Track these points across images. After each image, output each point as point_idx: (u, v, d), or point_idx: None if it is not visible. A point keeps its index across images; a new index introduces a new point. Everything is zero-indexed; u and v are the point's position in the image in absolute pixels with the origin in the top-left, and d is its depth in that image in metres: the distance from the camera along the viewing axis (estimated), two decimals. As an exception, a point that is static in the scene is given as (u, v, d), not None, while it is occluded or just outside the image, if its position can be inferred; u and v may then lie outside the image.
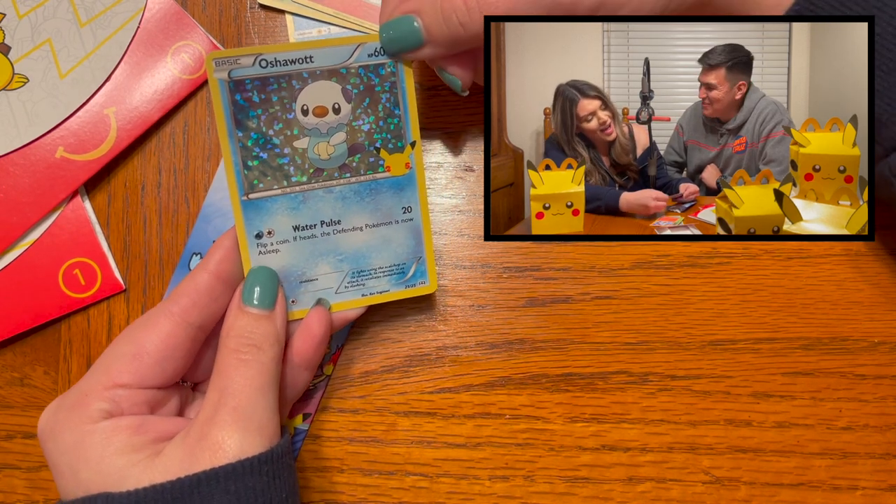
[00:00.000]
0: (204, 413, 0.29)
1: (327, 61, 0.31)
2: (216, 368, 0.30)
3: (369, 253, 0.34)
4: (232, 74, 0.30)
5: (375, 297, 0.34)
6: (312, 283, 0.33)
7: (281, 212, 0.32)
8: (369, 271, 0.34)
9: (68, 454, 0.28)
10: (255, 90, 0.31)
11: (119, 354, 0.30)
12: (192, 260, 0.38)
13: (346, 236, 0.33)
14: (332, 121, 0.32)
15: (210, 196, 0.39)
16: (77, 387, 0.30)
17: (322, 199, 0.33)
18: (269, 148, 0.32)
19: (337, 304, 0.34)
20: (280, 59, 0.31)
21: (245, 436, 0.28)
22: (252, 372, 0.29)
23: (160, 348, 0.30)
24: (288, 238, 0.32)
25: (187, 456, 0.28)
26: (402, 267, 0.34)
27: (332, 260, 0.33)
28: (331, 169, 0.32)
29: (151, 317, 0.30)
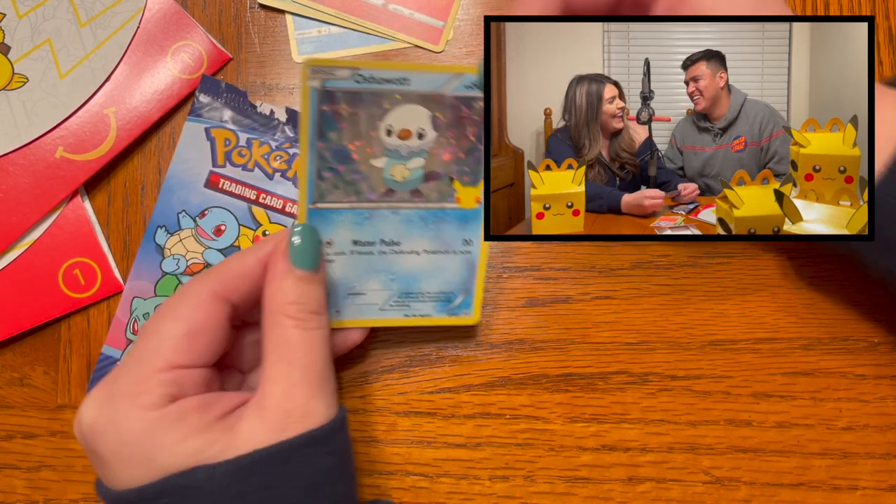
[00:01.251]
0: (277, 385, 0.29)
1: (423, 86, 0.31)
2: (278, 339, 0.29)
3: (421, 277, 0.34)
4: (325, 85, 0.30)
5: (417, 319, 0.35)
6: (360, 296, 0.34)
7: (344, 225, 0.32)
8: (417, 294, 0.34)
9: (138, 443, 0.27)
10: (345, 103, 0.31)
11: (169, 335, 0.29)
12: (156, 233, 0.38)
13: (402, 258, 0.33)
14: (414, 145, 0.32)
15: (172, 167, 0.38)
16: (125, 374, 0.29)
17: (386, 219, 0.33)
18: (346, 163, 0.32)
19: (379, 319, 0.34)
20: (376, 77, 0.31)
21: (328, 401, 0.29)
22: (319, 340, 0.30)
23: (212, 326, 0.29)
24: (345, 251, 0.33)
25: (273, 428, 0.28)
26: (449, 295, 0.35)
27: (384, 278, 0.34)
28: (402, 192, 0.32)
29: (194, 294, 0.30)
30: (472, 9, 0.41)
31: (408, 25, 0.40)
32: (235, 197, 0.38)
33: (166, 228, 0.38)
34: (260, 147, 0.38)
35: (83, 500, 0.37)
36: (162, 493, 0.27)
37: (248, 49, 0.40)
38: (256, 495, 0.27)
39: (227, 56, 0.40)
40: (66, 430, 0.38)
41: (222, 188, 0.38)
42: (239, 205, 0.38)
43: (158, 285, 0.38)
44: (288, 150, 0.38)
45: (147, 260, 0.38)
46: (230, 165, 0.38)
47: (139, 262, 0.38)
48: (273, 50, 0.40)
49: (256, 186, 0.38)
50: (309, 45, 0.40)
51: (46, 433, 0.38)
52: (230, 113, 0.39)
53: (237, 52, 0.40)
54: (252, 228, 0.38)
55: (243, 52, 0.40)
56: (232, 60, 0.40)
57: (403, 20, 0.40)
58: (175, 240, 0.38)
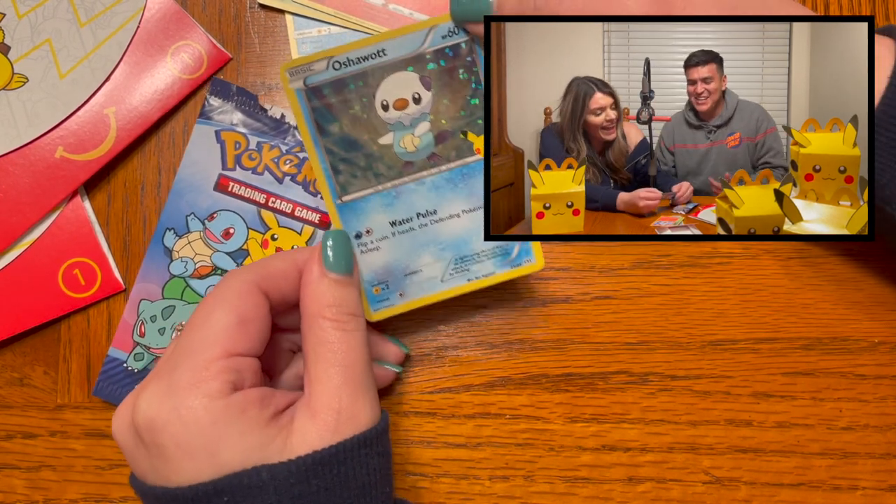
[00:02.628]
0: (322, 386, 0.29)
1: (401, 51, 0.31)
2: (319, 341, 0.30)
3: (470, 238, 0.33)
4: (307, 82, 0.30)
5: (482, 281, 0.34)
6: (417, 274, 0.33)
7: (376, 210, 0.32)
8: (472, 256, 0.33)
9: (203, 434, 0.27)
10: (333, 94, 0.31)
11: (221, 324, 0.29)
12: (165, 235, 0.38)
13: (445, 225, 0.33)
14: (413, 112, 0.32)
15: (180, 172, 0.38)
16: (182, 365, 0.28)
17: (415, 192, 0.32)
18: (355, 149, 0.31)
19: (445, 291, 0.34)
20: (353, 58, 0.30)
21: (372, 402, 0.30)
22: (359, 342, 0.30)
23: (259, 315, 0.30)
24: (387, 234, 0.33)
25: (326, 430, 0.28)
26: (504, 248, 0.34)
27: (434, 250, 0.33)
28: (420, 161, 0.32)
29: (240, 284, 0.30)
30: (472, 9, 0.41)
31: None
32: (245, 200, 0.38)
33: (175, 231, 0.38)
34: (270, 150, 0.38)
35: (83, 500, 0.37)
36: (223, 490, 0.27)
37: (247, 49, 0.40)
38: (315, 496, 0.28)
39: (227, 56, 0.40)
40: (65, 430, 0.38)
41: (231, 191, 0.38)
42: (248, 208, 0.38)
43: (166, 288, 0.38)
44: (298, 154, 0.38)
45: (155, 262, 0.38)
46: (240, 169, 0.38)
47: (147, 265, 0.38)
48: (273, 50, 0.40)
49: (266, 190, 0.38)
50: (309, 45, 0.40)
51: (46, 433, 0.38)
52: (240, 116, 0.39)
53: (237, 51, 0.40)
54: (261, 232, 0.38)
55: (243, 51, 0.40)
56: (232, 60, 0.40)
57: (403, 20, 0.40)
58: (183, 242, 0.38)
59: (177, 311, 0.38)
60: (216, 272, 0.38)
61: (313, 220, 0.38)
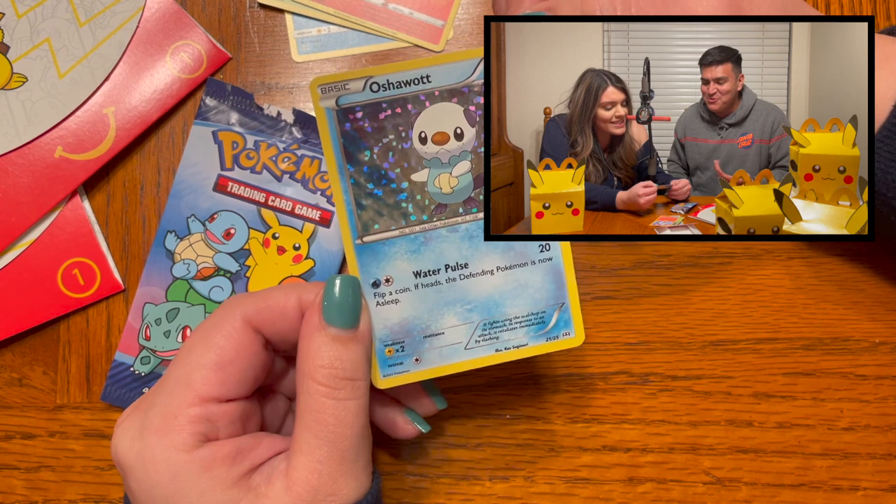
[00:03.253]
0: (304, 458, 0.26)
1: (447, 80, 0.28)
2: (307, 405, 0.27)
3: (503, 300, 0.29)
4: (340, 102, 0.27)
5: (512, 353, 0.30)
6: (438, 337, 0.29)
7: (400, 256, 0.29)
8: (503, 322, 0.30)
9: (163, 486, 0.26)
10: (367, 118, 0.27)
11: (199, 364, 0.27)
12: (166, 238, 0.38)
13: (475, 282, 0.29)
14: (454, 148, 0.28)
15: (179, 173, 0.38)
16: (158, 403, 0.27)
17: (446, 240, 0.29)
18: (384, 184, 0.28)
19: (468, 361, 0.30)
20: (393, 82, 0.27)
21: (360, 477, 0.27)
22: (352, 414, 0.27)
23: (244, 356, 0.27)
24: (409, 286, 0.29)
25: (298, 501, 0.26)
26: (541, 316, 0.30)
27: (460, 310, 0.29)
28: (454, 204, 0.29)
29: (227, 321, 0.27)
30: (472, 8, 0.41)
31: (408, 25, 0.40)
32: (244, 200, 0.38)
33: (176, 233, 0.38)
34: (268, 149, 0.38)
35: (82, 500, 0.37)
36: None
37: (247, 48, 0.40)
38: None
39: (227, 56, 0.40)
40: (65, 430, 0.38)
41: (231, 191, 0.38)
42: (248, 208, 0.38)
43: (169, 290, 0.38)
44: (296, 152, 0.38)
45: (157, 265, 0.38)
46: (238, 168, 0.38)
47: (149, 268, 0.38)
48: (273, 49, 0.40)
49: (265, 189, 0.38)
50: (308, 45, 0.40)
51: (45, 433, 0.38)
52: (237, 115, 0.39)
53: (237, 51, 0.40)
54: (262, 231, 0.38)
55: (243, 51, 0.40)
56: (231, 60, 0.40)
57: (403, 19, 0.40)
58: (185, 244, 0.38)
59: (181, 313, 0.38)
60: (218, 273, 0.38)
61: (314, 218, 0.38)
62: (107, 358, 0.38)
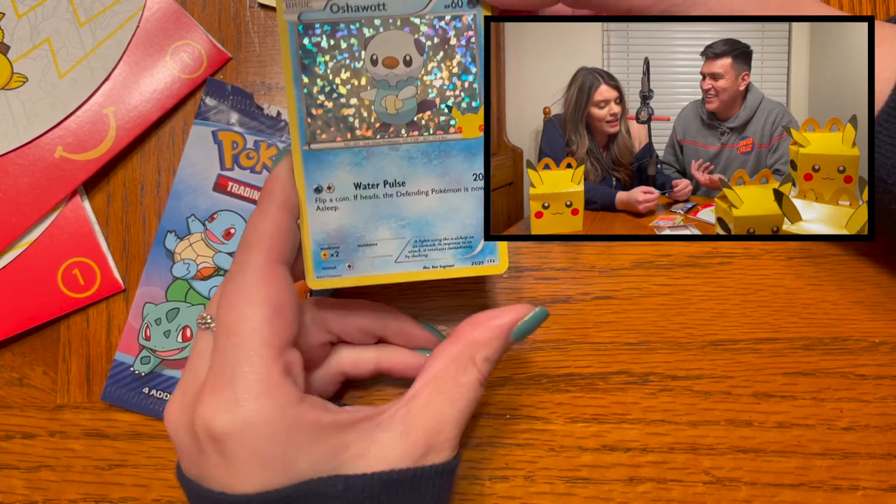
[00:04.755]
0: (430, 413, 0.29)
1: (401, 9, 0.30)
2: (451, 377, 0.30)
3: (434, 221, 0.31)
4: (302, 17, 0.29)
5: (438, 272, 0.32)
6: (371, 248, 0.31)
7: (343, 167, 0.30)
8: (433, 241, 0.31)
9: (281, 444, 0.27)
10: (325, 35, 0.29)
11: (259, 322, 0.27)
12: (166, 238, 0.38)
13: (411, 200, 0.31)
14: (402, 73, 0.30)
15: (179, 173, 0.38)
16: (240, 372, 0.27)
17: (387, 157, 0.31)
18: (334, 97, 0.30)
19: (397, 273, 0.31)
20: (352, 5, 0.29)
21: (456, 448, 0.30)
22: (480, 392, 0.30)
23: (287, 295, 0.28)
24: (348, 195, 0.31)
25: (413, 453, 0.28)
26: (469, 240, 0.32)
27: (394, 225, 0.31)
28: (398, 125, 0.30)
29: (255, 272, 0.28)
30: (472, 9, 0.41)
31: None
32: (244, 200, 0.38)
33: (176, 233, 0.38)
34: (268, 149, 0.38)
35: (82, 500, 0.37)
36: (294, 498, 0.27)
37: (247, 48, 0.40)
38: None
39: (227, 55, 0.40)
40: (65, 430, 0.38)
41: (231, 191, 0.38)
42: (248, 207, 0.38)
43: (169, 290, 0.38)
44: None
45: (157, 265, 0.38)
46: (238, 168, 0.38)
47: (149, 268, 0.38)
48: (273, 49, 0.40)
49: None
50: (308, 45, 0.40)
51: (45, 433, 0.38)
52: (237, 115, 0.39)
53: (237, 51, 0.40)
54: None
55: (243, 51, 0.40)
56: (231, 60, 0.40)
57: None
58: (185, 244, 0.38)
59: (181, 313, 0.38)
60: (218, 273, 0.38)
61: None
62: (107, 358, 0.38)
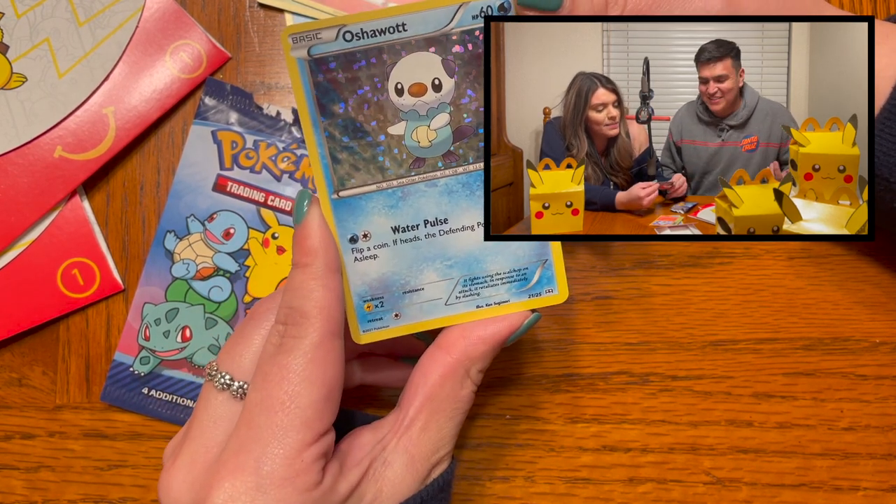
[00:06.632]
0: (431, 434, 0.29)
1: (423, 28, 0.26)
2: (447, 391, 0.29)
3: (483, 256, 0.29)
4: (312, 52, 0.26)
5: (493, 309, 0.29)
6: (418, 293, 0.29)
7: (377, 211, 0.28)
8: (484, 278, 0.29)
9: None
10: (340, 69, 0.26)
11: (308, 402, 0.26)
12: (165, 238, 0.38)
13: (455, 237, 0.28)
14: (432, 100, 0.27)
15: (179, 173, 0.38)
16: (269, 455, 0.25)
17: (424, 195, 0.28)
18: (359, 137, 0.27)
19: (448, 317, 0.29)
20: (367, 30, 0.26)
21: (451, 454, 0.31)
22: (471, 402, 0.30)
23: (340, 374, 0.27)
24: (386, 241, 0.28)
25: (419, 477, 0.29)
26: (523, 273, 0.29)
27: (440, 266, 0.29)
28: (433, 158, 0.28)
29: (316, 346, 0.26)
30: (472, 9, 0.41)
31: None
32: (244, 200, 0.38)
33: (175, 233, 0.38)
34: (267, 149, 0.38)
35: (82, 500, 0.37)
36: None
37: (247, 48, 0.40)
38: None
39: (227, 55, 0.40)
40: (64, 430, 0.38)
41: (230, 191, 0.38)
42: (247, 207, 0.38)
43: (169, 290, 0.38)
44: (295, 151, 0.38)
45: (157, 265, 0.38)
46: (237, 168, 0.38)
47: (149, 268, 0.38)
48: (272, 49, 0.40)
49: (264, 188, 0.38)
50: (308, 45, 0.40)
51: (45, 433, 0.38)
52: (236, 115, 0.39)
53: (236, 51, 0.40)
54: (261, 231, 0.38)
55: (242, 51, 0.40)
56: (231, 60, 0.40)
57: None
58: (184, 244, 0.38)
59: (181, 313, 0.38)
60: (218, 273, 0.38)
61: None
62: (106, 358, 0.38)
